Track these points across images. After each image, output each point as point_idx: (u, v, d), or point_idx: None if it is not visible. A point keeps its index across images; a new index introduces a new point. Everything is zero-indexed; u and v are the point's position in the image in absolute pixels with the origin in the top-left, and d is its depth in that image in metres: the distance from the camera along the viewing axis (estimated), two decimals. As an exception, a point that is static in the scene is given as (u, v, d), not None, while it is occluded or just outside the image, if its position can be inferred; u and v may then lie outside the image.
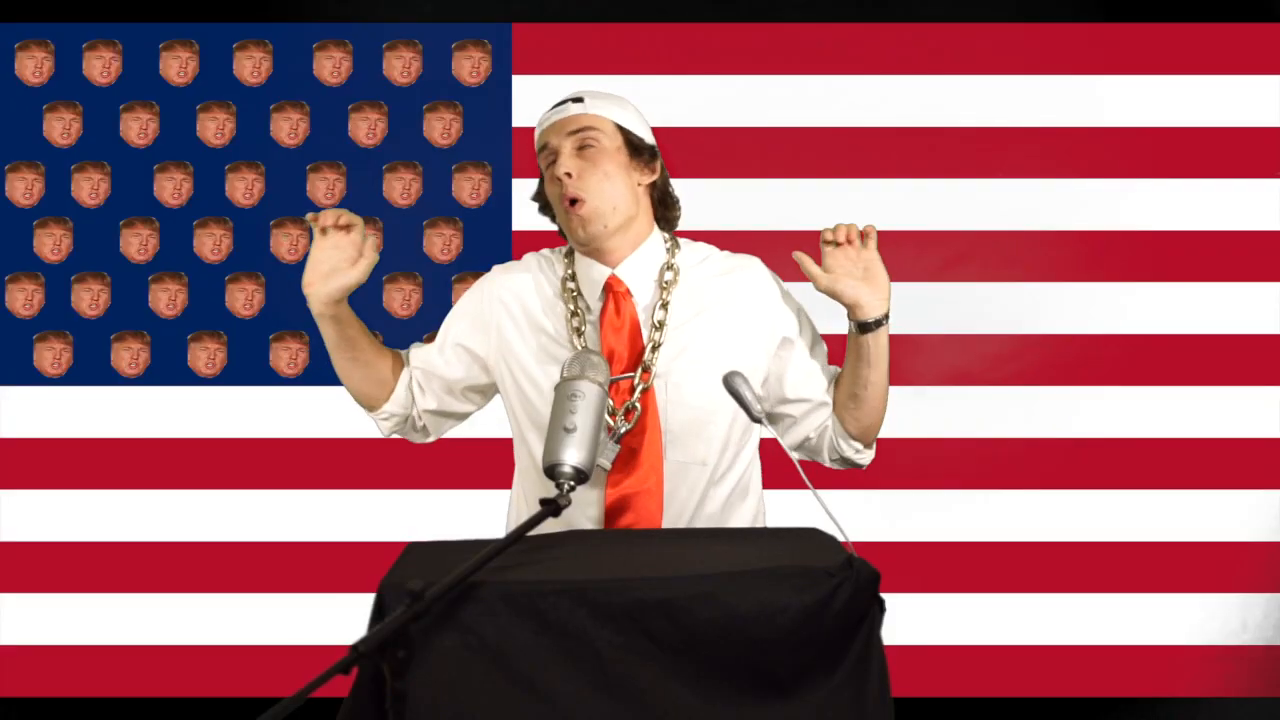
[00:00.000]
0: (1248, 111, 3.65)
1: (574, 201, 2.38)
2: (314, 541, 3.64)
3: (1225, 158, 3.64)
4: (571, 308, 2.42)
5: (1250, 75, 3.65)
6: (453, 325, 2.51)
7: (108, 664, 3.66)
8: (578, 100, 2.46)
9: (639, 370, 2.37)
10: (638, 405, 2.36)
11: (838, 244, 2.38)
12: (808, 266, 2.37)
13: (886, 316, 2.37)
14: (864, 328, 2.36)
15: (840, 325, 2.44)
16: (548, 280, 2.47)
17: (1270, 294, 3.66)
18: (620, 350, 2.38)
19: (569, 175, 2.38)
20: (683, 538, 2.19)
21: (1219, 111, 3.65)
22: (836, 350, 2.50)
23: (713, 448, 2.39)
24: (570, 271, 2.45)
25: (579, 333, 2.40)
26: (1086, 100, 3.66)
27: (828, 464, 2.51)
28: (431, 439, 2.59)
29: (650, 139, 2.48)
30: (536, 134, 2.49)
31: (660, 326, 2.39)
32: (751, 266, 2.49)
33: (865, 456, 2.49)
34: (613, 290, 2.41)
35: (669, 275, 2.43)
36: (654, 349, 2.38)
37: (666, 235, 2.49)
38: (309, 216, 2.39)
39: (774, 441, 2.26)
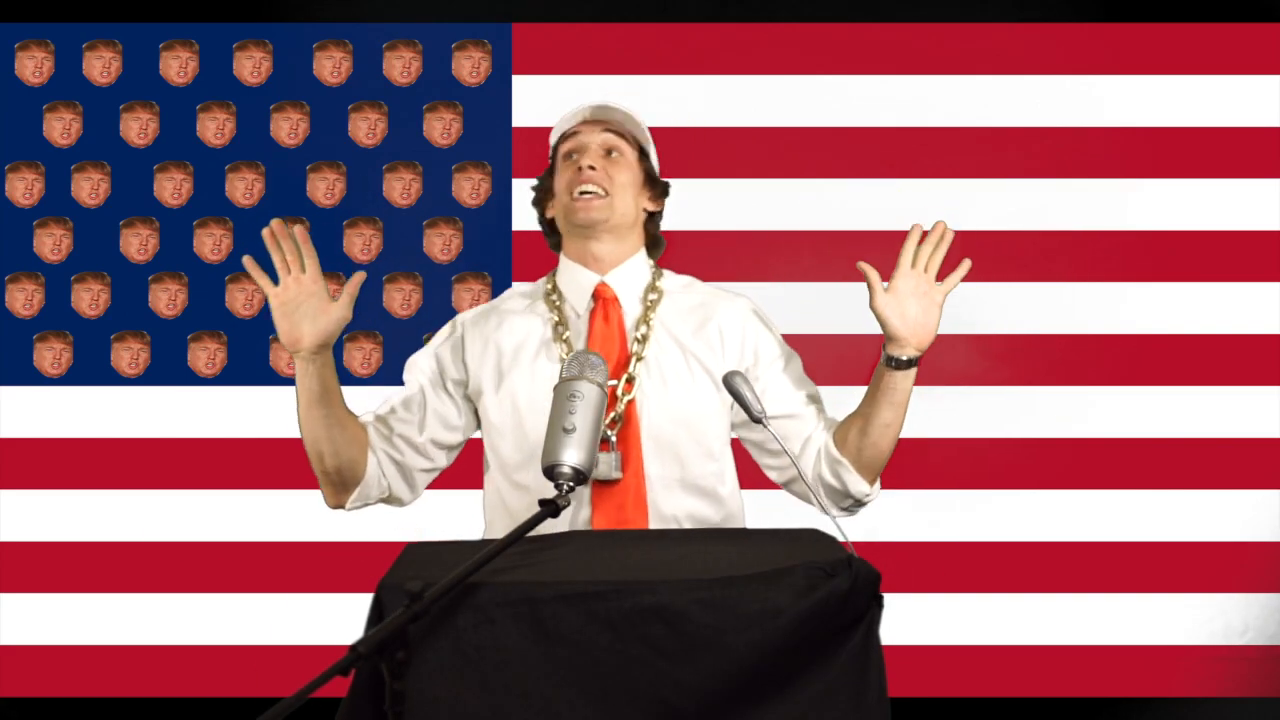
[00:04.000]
0: (1248, 111, 3.65)
1: (588, 194, 2.41)
2: (314, 541, 3.64)
3: (1225, 158, 3.64)
4: (556, 317, 2.44)
5: (1250, 75, 3.65)
6: (435, 378, 2.49)
7: (108, 664, 3.66)
8: (608, 108, 2.49)
9: (623, 379, 2.38)
10: (622, 415, 2.37)
11: (915, 266, 2.35)
12: (870, 278, 2.34)
13: (914, 362, 2.35)
14: (890, 360, 2.35)
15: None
16: (524, 304, 2.50)
17: (1270, 294, 3.66)
18: (610, 356, 2.39)
19: (592, 169, 2.42)
20: (683, 539, 2.19)
21: (1219, 111, 3.65)
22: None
23: (683, 461, 2.40)
24: (552, 284, 2.49)
25: (563, 340, 2.42)
26: (1087, 100, 3.66)
27: (830, 508, 2.40)
28: (417, 494, 2.55)
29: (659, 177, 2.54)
30: (564, 125, 2.51)
31: (644, 340, 2.41)
32: (736, 298, 2.51)
33: (862, 484, 2.41)
34: (602, 296, 2.44)
35: (654, 295, 2.46)
36: (637, 361, 2.40)
37: (651, 262, 2.52)
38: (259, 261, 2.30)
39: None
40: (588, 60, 3.67)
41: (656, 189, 2.52)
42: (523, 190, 3.65)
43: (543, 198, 2.54)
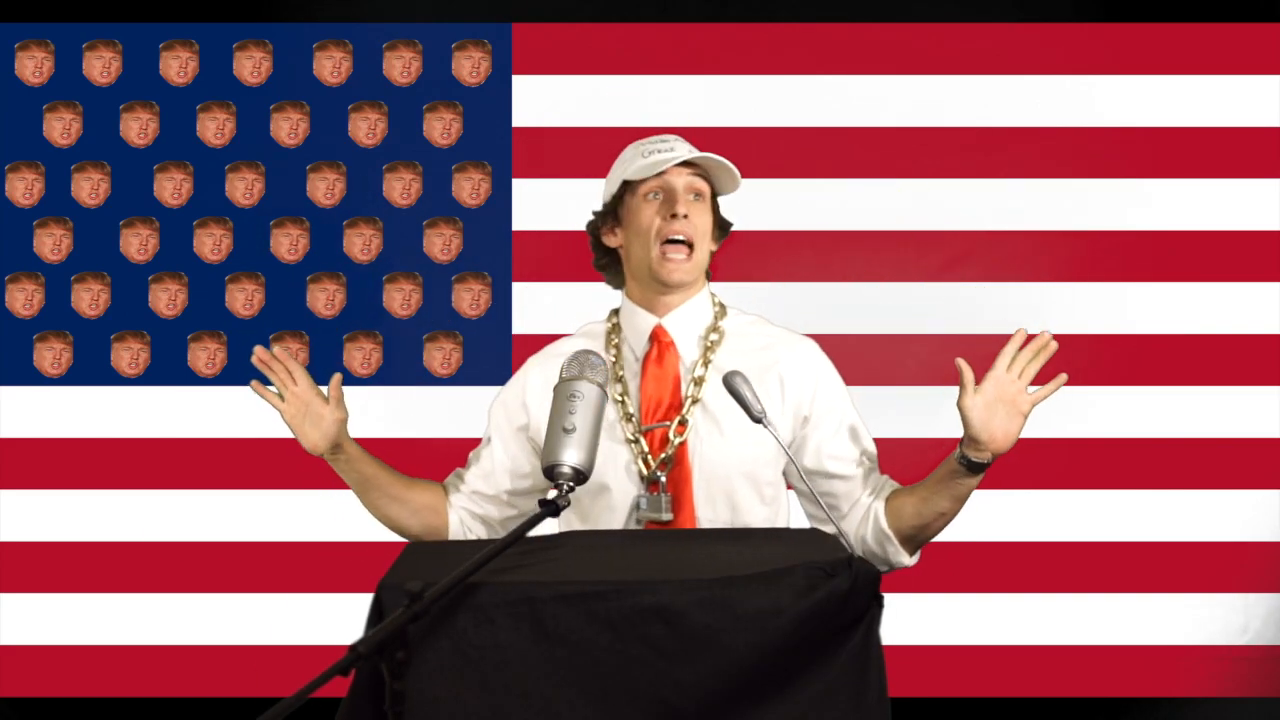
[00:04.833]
0: (1248, 111, 3.65)
1: (674, 242, 2.38)
2: (314, 541, 3.64)
3: (1225, 158, 3.64)
4: (614, 356, 2.43)
5: (1250, 75, 3.65)
6: (502, 427, 2.52)
7: (108, 664, 3.66)
8: (687, 147, 2.46)
9: (675, 422, 2.37)
10: (672, 457, 2.36)
11: (1010, 369, 2.38)
12: (965, 377, 2.33)
13: (985, 467, 2.34)
14: (964, 459, 2.33)
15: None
16: (583, 344, 2.45)
17: (1270, 294, 3.66)
18: (662, 398, 2.39)
19: (686, 217, 2.39)
20: (683, 539, 2.19)
21: (1219, 111, 3.65)
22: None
23: (735, 505, 2.39)
24: (615, 323, 2.48)
25: (619, 379, 2.42)
26: (1086, 100, 3.66)
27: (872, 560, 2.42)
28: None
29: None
30: (642, 162, 2.43)
31: (700, 383, 2.40)
32: (802, 343, 2.49)
33: (903, 557, 2.43)
34: (658, 340, 2.43)
35: (714, 336, 2.44)
36: (692, 403, 2.39)
37: (716, 300, 2.50)
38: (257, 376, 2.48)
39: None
40: (588, 60, 3.67)
41: (722, 230, 2.51)
42: (523, 190, 3.66)
43: (605, 224, 2.49)
